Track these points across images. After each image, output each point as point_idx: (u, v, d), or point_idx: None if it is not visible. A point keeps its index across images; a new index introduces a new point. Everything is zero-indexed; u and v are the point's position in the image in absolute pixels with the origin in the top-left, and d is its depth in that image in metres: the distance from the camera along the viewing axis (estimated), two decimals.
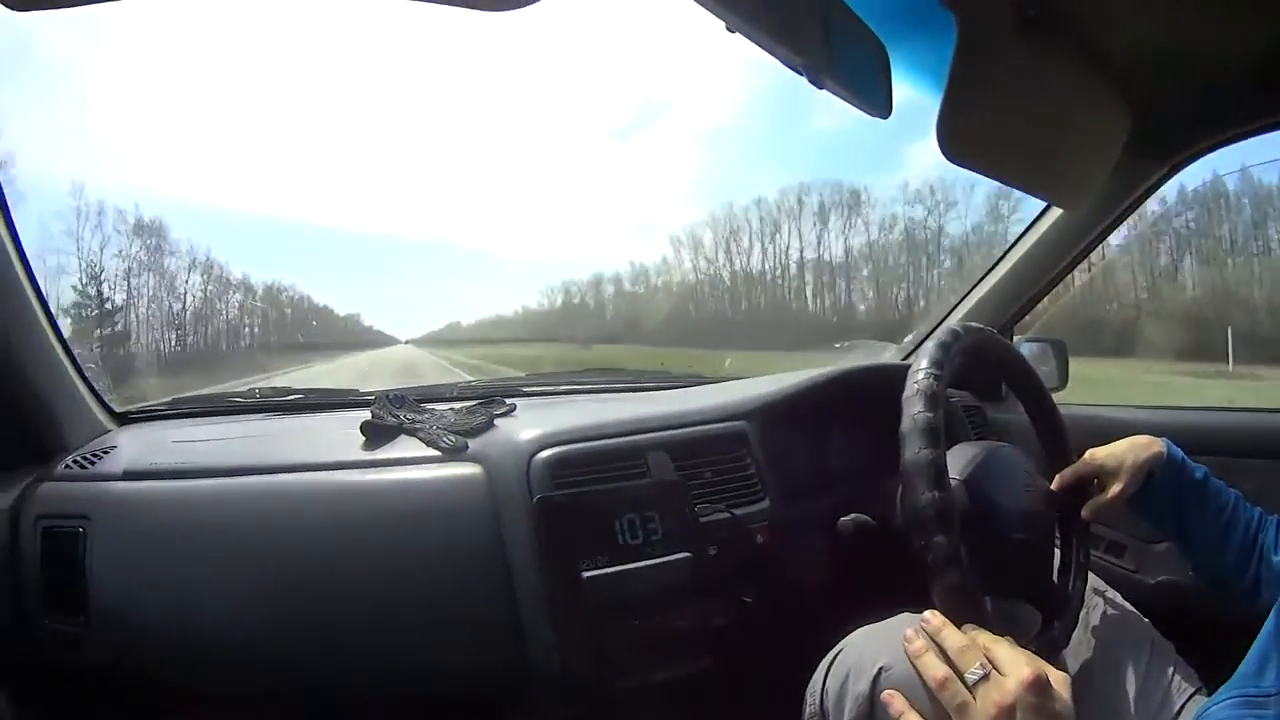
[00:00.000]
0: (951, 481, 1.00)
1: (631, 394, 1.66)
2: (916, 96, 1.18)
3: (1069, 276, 1.84)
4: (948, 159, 1.03)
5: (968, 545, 0.92)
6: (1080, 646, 1.20)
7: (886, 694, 0.86)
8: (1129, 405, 1.88)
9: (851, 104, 0.97)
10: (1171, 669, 1.17)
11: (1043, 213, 1.71)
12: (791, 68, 0.87)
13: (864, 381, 1.49)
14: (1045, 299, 1.87)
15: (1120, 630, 1.23)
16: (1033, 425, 1.30)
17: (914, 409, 0.97)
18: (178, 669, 1.25)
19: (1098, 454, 1.19)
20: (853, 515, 1.21)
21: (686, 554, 1.14)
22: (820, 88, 0.91)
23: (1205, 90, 1.34)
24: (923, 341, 1.75)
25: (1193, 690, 1.14)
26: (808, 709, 1.00)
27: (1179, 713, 1.12)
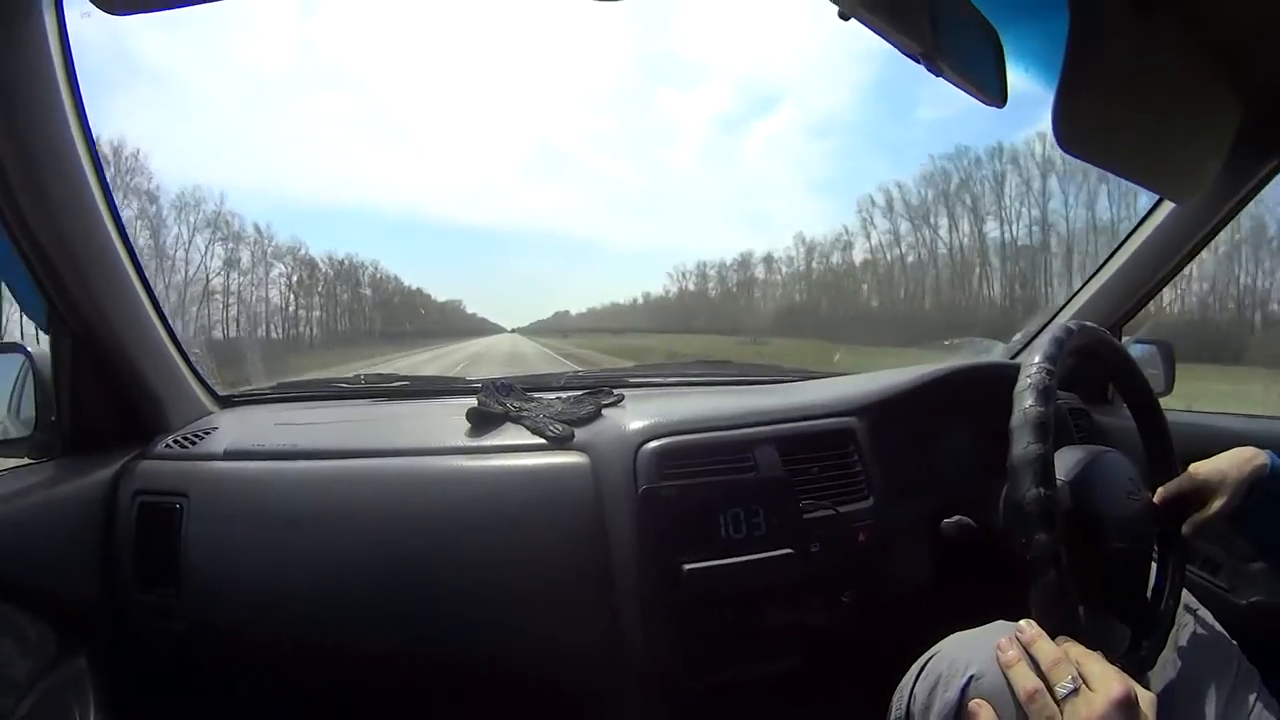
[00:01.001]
0: (1057, 481, 0.98)
1: (739, 387, 1.66)
2: (1028, 85, 1.16)
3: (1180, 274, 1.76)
4: (1063, 149, 1.00)
5: (1068, 548, 0.90)
6: (1165, 665, 1.17)
7: (974, 704, 0.85)
8: (1234, 414, 1.81)
9: (967, 92, 0.96)
10: (1254, 697, 1.13)
11: (1155, 207, 1.66)
12: (910, 55, 0.87)
13: (972, 379, 1.47)
14: (1154, 298, 1.81)
15: (1207, 652, 1.18)
16: (1139, 432, 1.26)
17: (1025, 403, 0.96)
18: (262, 641, 1.28)
19: (1201, 468, 1.15)
20: (956, 517, 1.19)
21: (789, 550, 1.14)
22: (938, 75, 0.90)
23: None
24: (1033, 339, 1.73)
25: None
26: (894, 713, 0.99)
27: None
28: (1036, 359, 1.01)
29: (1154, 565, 1.19)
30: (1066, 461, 1.09)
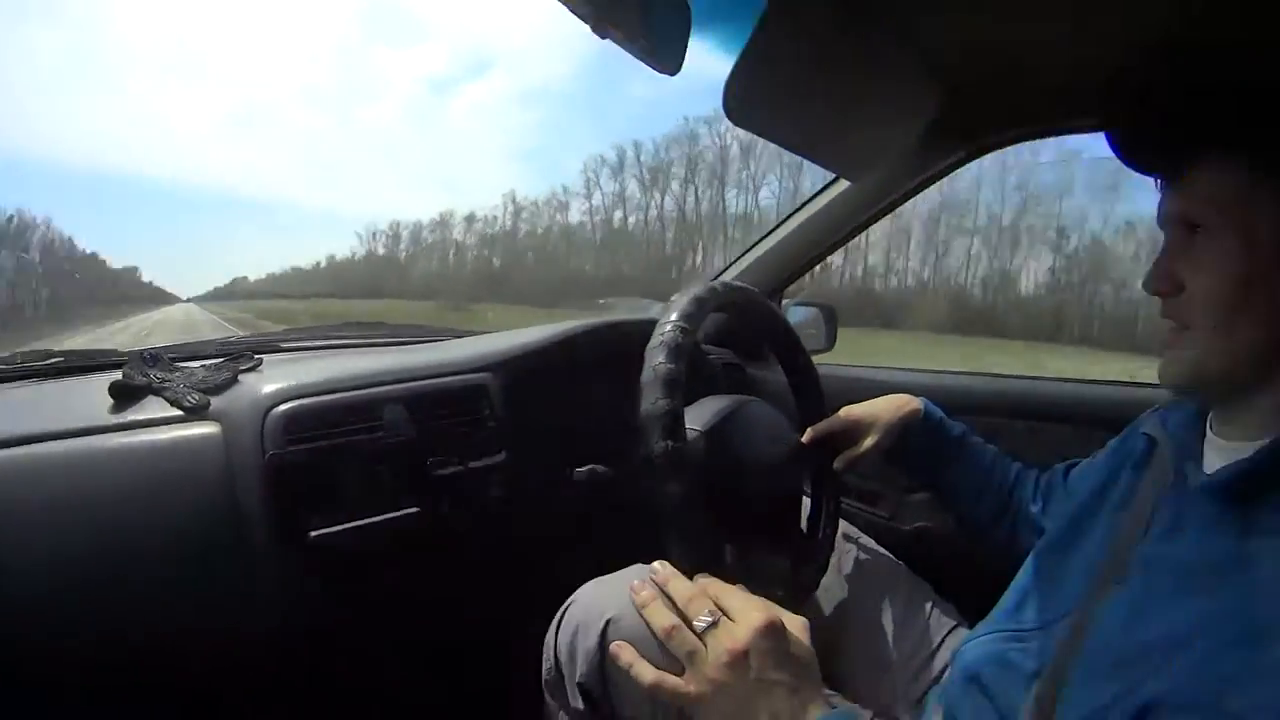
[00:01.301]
0: (692, 432, 1.03)
1: (382, 349, 1.57)
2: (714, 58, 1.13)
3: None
4: (731, 120, 0.99)
5: (706, 495, 0.92)
6: (834, 589, 1.27)
7: (615, 645, 0.85)
8: (893, 368, 1.98)
9: (638, 57, 0.91)
10: (929, 605, 1.25)
11: (830, 184, 1.74)
12: (576, 13, 0.79)
13: (614, 335, 1.51)
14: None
15: (874, 573, 1.30)
16: (788, 382, 1.34)
17: (655, 360, 0.96)
18: None
19: (854, 410, 1.25)
20: (588, 466, 1.21)
21: (415, 508, 1.12)
22: (604, 37, 0.83)
23: (1017, 84, 1.37)
24: None
25: (952, 624, 1.22)
26: (545, 665, 0.99)
27: (939, 645, 1.20)
28: (672, 316, 1.02)
29: (809, 501, 1.28)
30: (705, 412, 1.12)
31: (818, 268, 1.93)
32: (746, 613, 0.79)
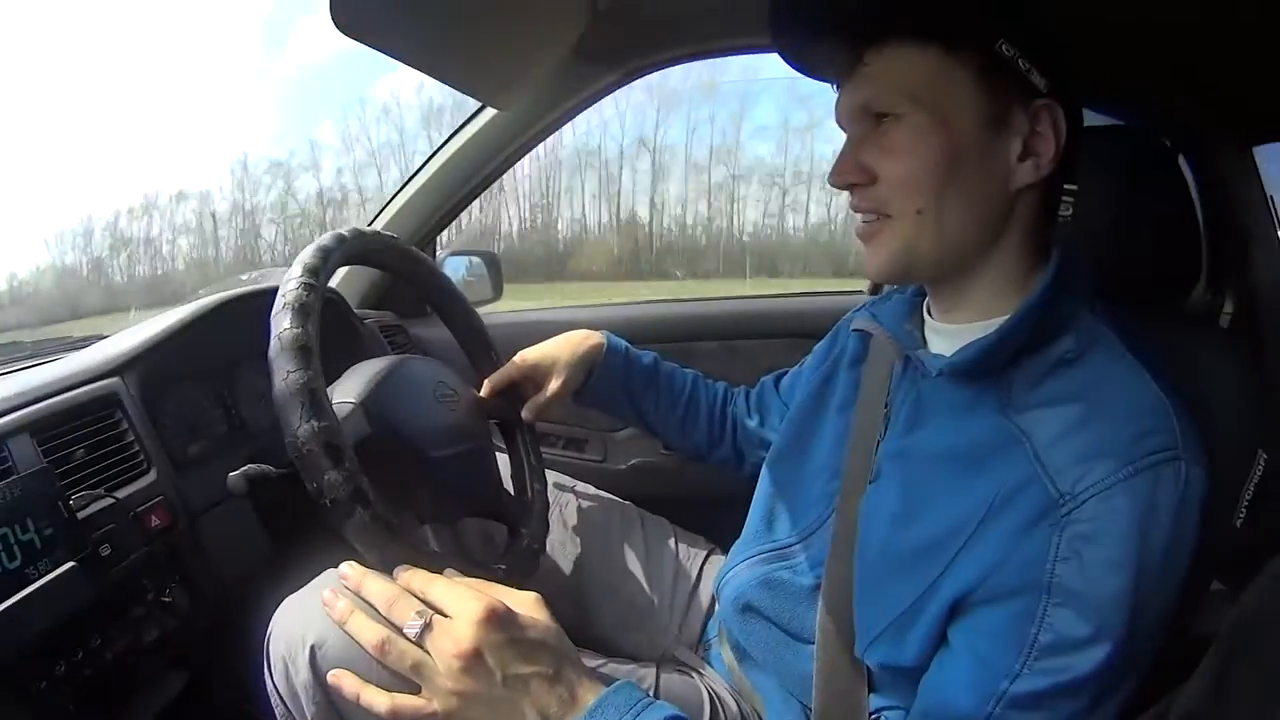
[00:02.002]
0: (345, 406, 0.88)
1: (18, 373, 1.20)
2: None
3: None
4: (338, 27, 0.82)
5: (375, 476, 0.78)
6: (566, 547, 1.21)
7: (332, 676, 0.71)
8: (566, 306, 1.93)
9: None
10: (673, 539, 1.23)
11: (473, 116, 1.61)
12: None
13: (253, 307, 1.25)
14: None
15: (603, 519, 1.25)
16: (452, 333, 1.22)
17: (281, 326, 0.81)
18: None
19: (529, 354, 1.16)
20: (243, 468, 0.96)
21: (73, 562, 0.84)
22: None
23: (669, 4, 1.35)
24: None
25: (705, 552, 1.21)
26: (278, 713, 0.82)
27: (699, 576, 1.18)
28: (296, 273, 0.86)
29: (506, 457, 1.18)
30: (358, 381, 0.95)
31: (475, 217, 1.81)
32: (461, 605, 0.67)
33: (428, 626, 0.66)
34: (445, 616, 0.67)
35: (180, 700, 1.05)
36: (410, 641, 0.67)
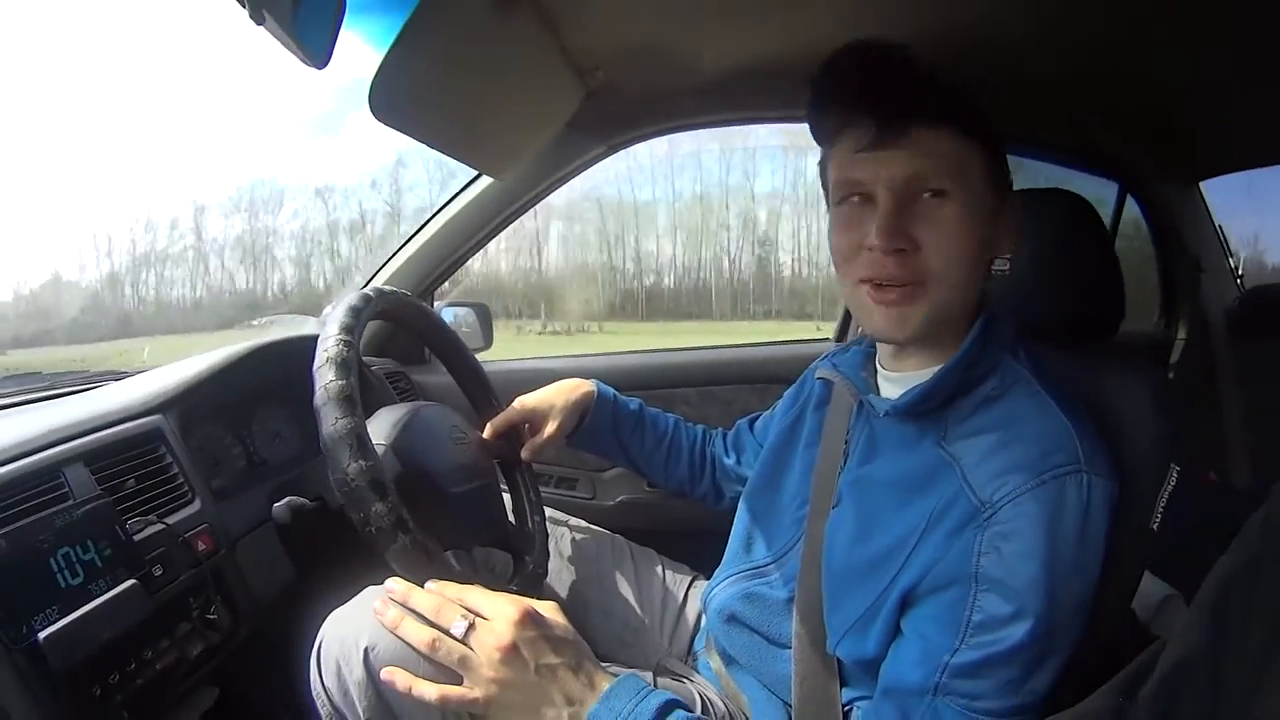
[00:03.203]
0: (379, 447, 0.99)
1: (45, 403, 1.29)
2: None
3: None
4: (377, 118, 0.98)
5: (410, 507, 0.92)
6: (562, 575, 1.32)
7: (385, 673, 0.82)
8: (559, 356, 2.07)
9: (288, 47, 0.84)
10: (659, 567, 1.35)
11: (472, 181, 1.75)
12: None
13: (280, 355, 1.39)
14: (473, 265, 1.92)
15: (594, 550, 1.36)
16: (456, 382, 1.36)
17: (326, 378, 0.94)
18: None
19: (527, 400, 1.28)
20: (286, 500, 1.12)
21: (133, 581, 0.93)
22: (260, 24, 0.76)
23: (656, 85, 1.50)
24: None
25: (690, 578, 1.33)
26: (323, 713, 0.92)
27: (685, 598, 1.29)
28: (333, 330, 1.00)
29: (508, 494, 1.30)
30: (384, 425, 1.10)
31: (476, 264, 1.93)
32: (498, 608, 0.81)
33: (471, 627, 0.79)
34: (484, 619, 0.80)
35: (211, 715, 1.12)
36: (456, 640, 0.79)
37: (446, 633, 0.80)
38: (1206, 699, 0.49)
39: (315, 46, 0.85)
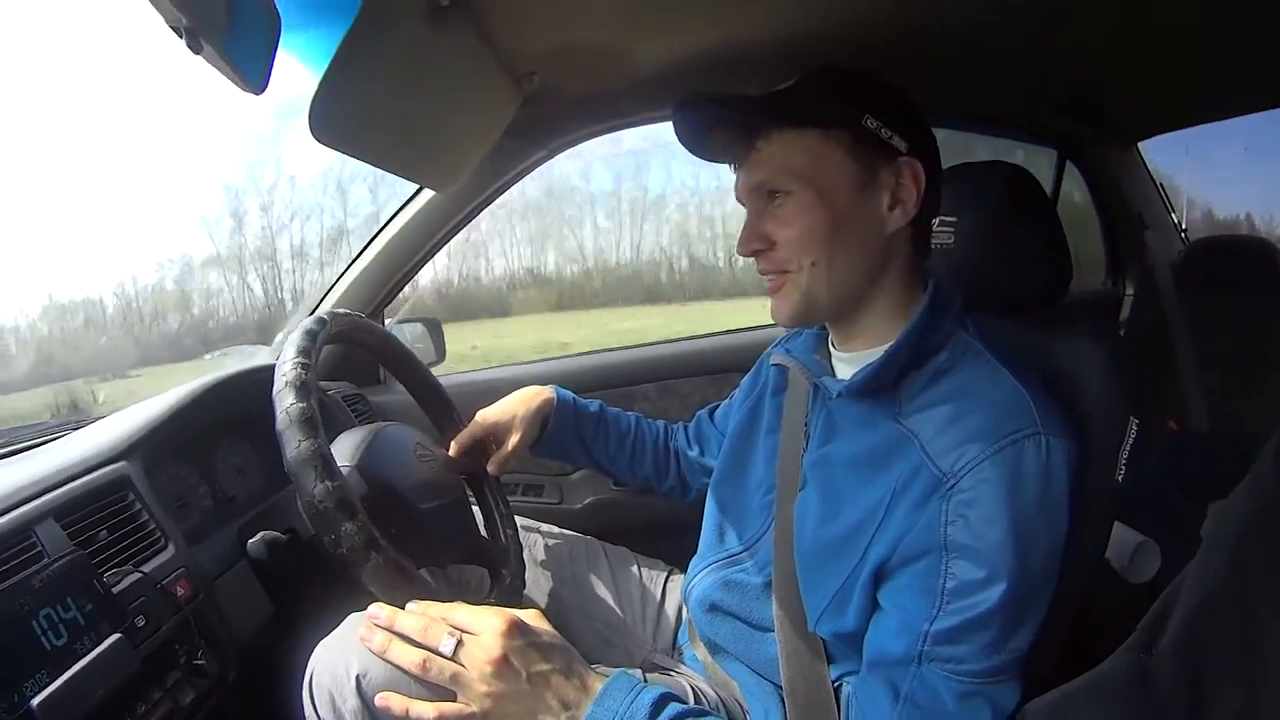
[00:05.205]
0: (344, 469, 1.01)
1: (12, 458, 1.24)
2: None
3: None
4: (317, 140, 0.96)
5: (380, 526, 0.92)
6: (539, 581, 1.33)
7: (380, 699, 0.84)
8: (514, 364, 2.07)
9: (227, 75, 0.82)
10: (635, 565, 1.36)
11: (414, 195, 1.74)
12: (171, 25, 0.70)
13: (237, 388, 1.37)
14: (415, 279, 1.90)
15: (568, 554, 1.37)
16: (416, 400, 1.36)
17: (286, 402, 0.94)
18: None
19: (488, 414, 1.30)
20: (260, 535, 1.12)
21: (118, 635, 0.91)
22: (197, 53, 0.74)
23: (592, 86, 1.52)
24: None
25: (665, 573, 1.34)
26: None
27: (664, 593, 1.31)
28: (290, 354, 1.00)
29: (477, 508, 1.31)
30: (347, 447, 1.10)
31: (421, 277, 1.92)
32: (484, 622, 0.82)
33: (460, 644, 0.80)
34: (471, 634, 0.81)
35: None
36: (446, 658, 0.80)
37: (436, 652, 0.81)
38: (1239, 637, 0.50)
39: (253, 72, 0.84)
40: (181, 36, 0.71)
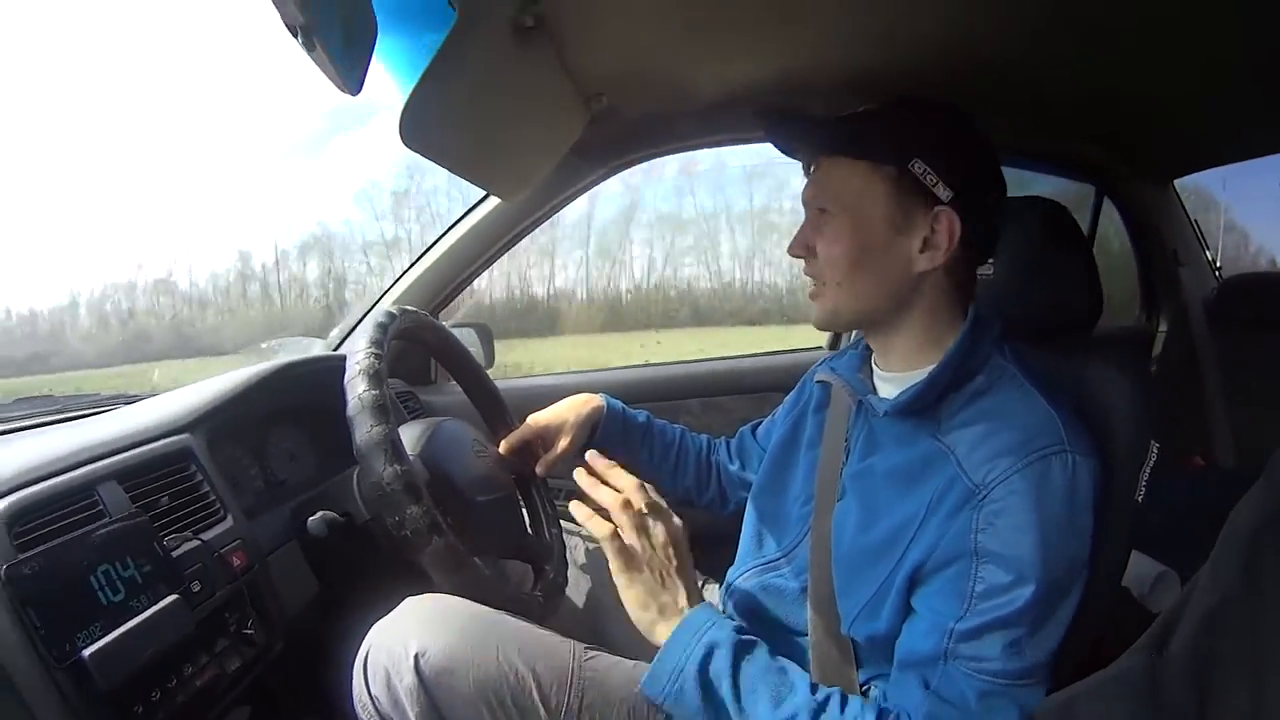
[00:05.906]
0: (409, 456, 1.03)
1: (64, 424, 1.30)
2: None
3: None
4: (406, 145, 1.00)
5: (441, 513, 0.96)
6: (579, 583, 1.36)
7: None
8: (566, 373, 2.13)
9: (328, 75, 0.87)
10: None
11: (479, 202, 1.79)
12: (288, 24, 0.75)
13: (299, 376, 1.42)
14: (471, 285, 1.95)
15: (603, 559, 1.39)
16: (472, 401, 1.39)
17: (359, 389, 0.99)
18: None
19: (540, 417, 1.33)
20: (320, 514, 1.13)
21: (175, 596, 0.94)
22: (311, 51, 0.79)
23: (655, 110, 1.58)
24: (353, 330, 1.74)
25: (701, 581, 1.34)
26: (366, 717, 0.96)
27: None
28: (362, 344, 1.05)
29: (524, 508, 1.34)
30: (409, 438, 1.13)
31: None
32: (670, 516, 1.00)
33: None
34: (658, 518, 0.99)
35: None
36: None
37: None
38: (1247, 640, 0.51)
39: (352, 74, 0.89)
40: (297, 36, 0.76)
